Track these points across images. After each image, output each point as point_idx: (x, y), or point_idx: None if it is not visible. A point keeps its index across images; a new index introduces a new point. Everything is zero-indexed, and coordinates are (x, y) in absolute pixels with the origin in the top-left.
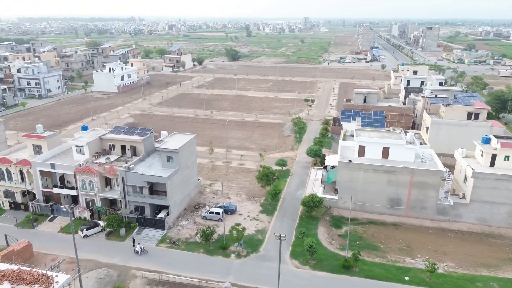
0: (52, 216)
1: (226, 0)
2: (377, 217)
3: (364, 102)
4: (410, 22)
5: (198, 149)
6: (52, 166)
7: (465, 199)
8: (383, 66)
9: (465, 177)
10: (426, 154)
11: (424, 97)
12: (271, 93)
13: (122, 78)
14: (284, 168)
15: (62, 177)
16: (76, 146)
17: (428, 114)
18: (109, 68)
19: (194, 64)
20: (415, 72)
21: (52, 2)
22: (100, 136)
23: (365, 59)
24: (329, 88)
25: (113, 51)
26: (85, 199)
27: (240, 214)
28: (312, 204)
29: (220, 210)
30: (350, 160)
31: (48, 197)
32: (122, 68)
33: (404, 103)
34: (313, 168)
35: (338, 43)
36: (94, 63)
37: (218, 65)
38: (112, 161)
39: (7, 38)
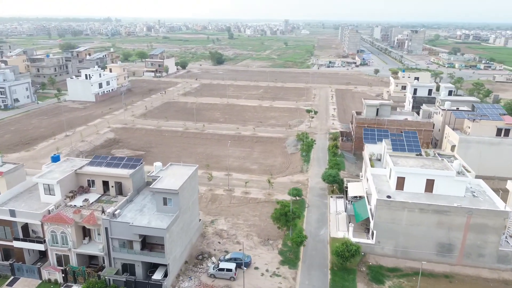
0: (12, 278)
1: (203, 1)
2: (423, 266)
3: (376, 114)
4: (389, 25)
5: None
6: (12, 213)
7: None
8: (376, 71)
9: None
10: (474, 184)
11: (444, 109)
12: (264, 102)
13: (100, 85)
14: (298, 198)
15: (25, 226)
16: (44, 184)
17: (453, 129)
18: (86, 75)
19: (177, 69)
20: (416, 79)
21: (24, 2)
22: (75, 170)
23: (355, 63)
24: (325, 95)
25: (89, 55)
26: (56, 255)
27: (256, 268)
28: (347, 255)
29: (232, 266)
30: (389, 196)
31: (7, 253)
32: (100, 74)
33: (417, 114)
34: (331, 197)
35: (322, 46)
36: (68, 68)
37: (203, 69)
38: (92, 203)
39: None
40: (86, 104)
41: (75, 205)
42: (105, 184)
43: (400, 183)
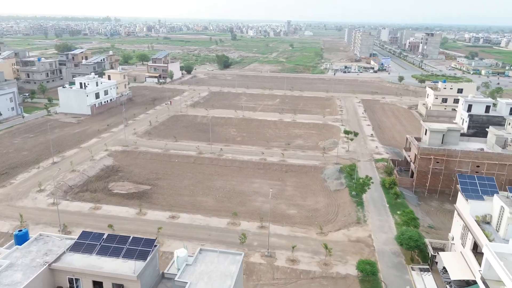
0: None
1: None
2: None
3: (442, 142)
4: (398, 27)
5: (214, 223)
6: None
7: None
8: (401, 79)
9: None
10: None
11: None
12: (285, 115)
13: (97, 95)
14: (370, 275)
15: None
16: None
17: None
18: (80, 84)
19: (182, 74)
20: (460, 91)
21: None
22: (49, 265)
23: (372, 68)
24: (352, 107)
25: (86, 58)
26: None
27: None
28: None
29: None
30: None
31: None
32: (97, 83)
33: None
34: (413, 269)
35: (328, 48)
36: (62, 73)
37: (210, 74)
38: None
39: None
40: (80, 117)
41: None
42: (98, 285)
43: None
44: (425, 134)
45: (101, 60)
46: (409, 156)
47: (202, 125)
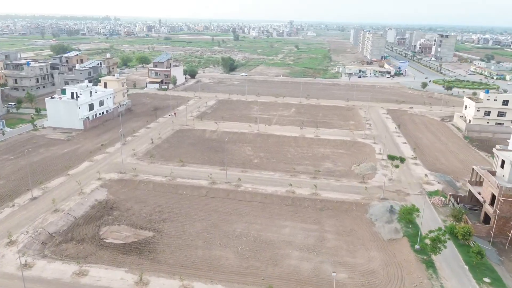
0: None
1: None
2: None
3: None
4: (406, 28)
5: None
6: None
7: None
8: (424, 85)
9: None
10: None
11: None
12: (306, 130)
13: (91, 107)
14: None
15: None
16: None
17: None
18: (72, 93)
19: (186, 78)
20: (505, 102)
21: None
22: None
23: (389, 72)
24: (379, 119)
25: (82, 61)
26: None
27: None
28: None
29: None
30: None
31: None
32: (91, 92)
33: None
34: None
35: (335, 49)
36: (54, 78)
37: (215, 79)
38: None
39: None
40: (71, 133)
41: None
42: None
43: None
44: (501, 166)
45: (97, 64)
46: (478, 193)
47: (212, 142)
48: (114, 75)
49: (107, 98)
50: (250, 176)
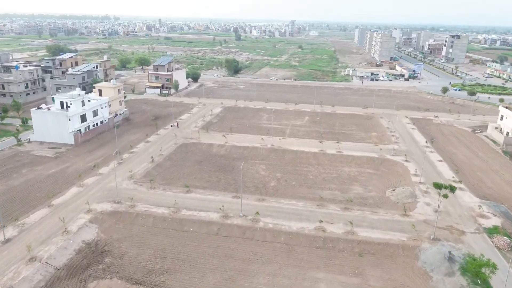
0: None
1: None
2: None
3: None
4: (412, 28)
5: None
6: None
7: None
8: (445, 90)
9: None
10: None
11: None
12: (325, 143)
13: (84, 118)
14: None
15: None
16: None
17: None
18: (61, 103)
19: (188, 82)
20: None
21: None
22: None
23: (403, 75)
24: (404, 130)
25: (76, 64)
26: None
27: None
28: None
29: None
30: None
31: None
32: (83, 101)
33: None
34: None
35: (340, 50)
36: (46, 82)
37: (219, 82)
38: None
39: None
40: (59, 148)
41: None
42: None
43: None
44: None
45: (93, 67)
46: None
47: (220, 158)
48: (111, 79)
49: (101, 108)
50: (268, 206)
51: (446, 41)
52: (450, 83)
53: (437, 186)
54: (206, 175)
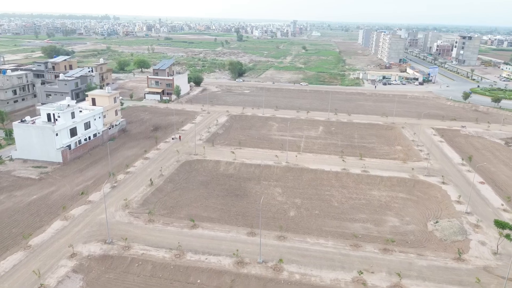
0: None
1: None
2: None
3: None
4: (418, 28)
5: None
6: None
7: None
8: (466, 96)
9: None
10: None
11: None
12: (347, 160)
13: (74, 132)
14: None
15: None
16: None
17: None
18: (48, 115)
19: (190, 87)
20: None
21: None
22: None
23: (417, 79)
24: (430, 143)
25: (70, 67)
26: None
27: None
28: None
29: None
30: None
31: None
32: (73, 113)
33: None
34: None
35: (344, 51)
36: (36, 88)
37: (223, 87)
38: None
39: None
40: (45, 167)
41: None
42: None
43: None
44: None
45: (87, 72)
46: None
47: (229, 179)
48: (107, 84)
49: (95, 119)
50: (292, 248)
51: (456, 42)
52: (478, 86)
53: (499, 224)
54: (214, 202)
